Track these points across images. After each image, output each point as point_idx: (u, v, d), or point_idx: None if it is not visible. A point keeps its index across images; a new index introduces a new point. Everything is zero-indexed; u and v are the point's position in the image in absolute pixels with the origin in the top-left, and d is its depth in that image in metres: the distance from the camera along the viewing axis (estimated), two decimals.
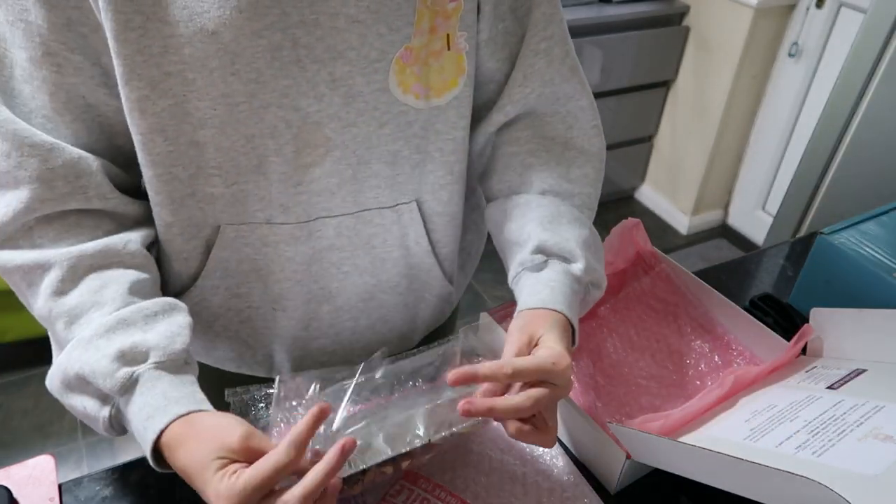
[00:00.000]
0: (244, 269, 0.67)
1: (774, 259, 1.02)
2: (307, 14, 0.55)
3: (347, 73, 0.58)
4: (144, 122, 0.57)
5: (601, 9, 2.25)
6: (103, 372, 0.52)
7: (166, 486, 0.64)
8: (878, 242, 0.81)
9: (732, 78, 2.28)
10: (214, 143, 0.59)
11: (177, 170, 0.60)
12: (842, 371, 0.69)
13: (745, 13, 2.17)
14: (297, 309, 0.70)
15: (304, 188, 0.63)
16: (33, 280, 0.57)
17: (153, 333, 0.55)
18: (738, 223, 2.68)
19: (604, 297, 0.85)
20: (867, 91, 1.60)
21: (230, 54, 0.54)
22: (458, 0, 0.60)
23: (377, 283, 0.72)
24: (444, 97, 0.64)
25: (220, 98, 0.56)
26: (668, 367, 0.77)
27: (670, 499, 0.65)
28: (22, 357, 1.95)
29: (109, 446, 1.75)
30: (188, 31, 0.53)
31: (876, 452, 0.53)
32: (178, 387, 0.53)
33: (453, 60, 0.62)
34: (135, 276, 0.59)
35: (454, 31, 0.61)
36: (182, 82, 0.55)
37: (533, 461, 0.66)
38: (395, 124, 0.63)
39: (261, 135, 0.59)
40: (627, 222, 0.84)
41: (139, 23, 0.52)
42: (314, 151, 0.61)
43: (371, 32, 0.57)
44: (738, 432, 0.60)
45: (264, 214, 0.64)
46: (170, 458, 0.51)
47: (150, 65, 0.54)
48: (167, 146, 0.59)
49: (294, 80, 0.57)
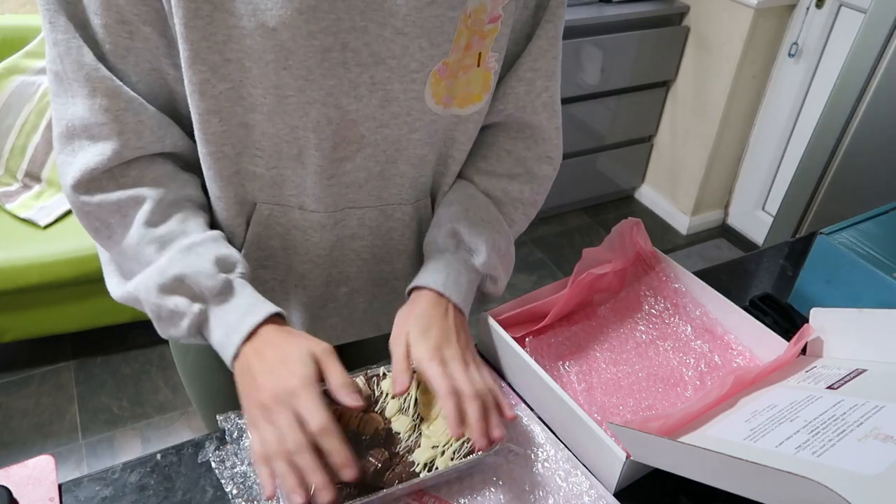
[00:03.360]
0: (274, 245, 0.73)
1: (774, 259, 1.02)
2: (358, 21, 0.59)
3: (387, 78, 0.62)
4: (203, 104, 0.61)
5: (601, 9, 2.25)
6: (206, 273, 0.61)
7: (166, 486, 0.64)
8: (878, 242, 0.81)
9: (732, 78, 2.28)
10: (261, 127, 0.63)
11: (226, 148, 0.65)
12: (842, 371, 0.69)
13: (745, 13, 2.17)
14: (316, 288, 0.76)
15: (336, 180, 0.68)
16: (127, 212, 0.63)
17: (234, 252, 0.65)
18: (738, 223, 2.68)
19: (604, 296, 0.86)
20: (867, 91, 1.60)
21: (285, 51, 0.58)
22: (496, 23, 0.64)
23: (392, 271, 0.78)
24: (467, 109, 0.69)
25: (272, 88, 0.60)
26: (667, 367, 0.77)
27: (670, 499, 0.65)
28: (22, 357, 1.95)
29: (109, 446, 1.75)
30: (250, 24, 0.57)
31: (876, 452, 0.53)
32: (259, 294, 0.64)
33: (481, 77, 0.67)
34: (204, 215, 0.68)
35: (486, 51, 0.66)
36: (240, 69, 0.60)
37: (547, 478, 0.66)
38: (424, 131, 0.68)
39: (304, 127, 0.63)
40: (627, 222, 0.84)
41: (207, 11, 0.56)
42: (348, 147, 0.66)
43: (413, 45, 0.61)
44: (738, 432, 0.60)
45: (297, 200, 0.69)
46: (256, 344, 0.60)
47: (214, 51, 0.58)
48: (221, 126, 0.63)
49: (339, 81, 0.61)
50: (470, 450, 0.63)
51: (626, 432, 0.59)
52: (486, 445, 0.59)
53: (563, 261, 2.47)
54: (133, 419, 1.81)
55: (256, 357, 0.60)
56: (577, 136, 2.51)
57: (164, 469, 0.66)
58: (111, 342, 1.98)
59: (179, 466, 0.66)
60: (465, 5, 0.61)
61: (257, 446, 0.56)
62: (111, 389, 1.89)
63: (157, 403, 1.85)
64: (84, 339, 2.00)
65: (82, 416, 1.81)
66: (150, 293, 0.62)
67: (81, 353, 1.98)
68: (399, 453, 0.63)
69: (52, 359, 1.95)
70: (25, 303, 1.77)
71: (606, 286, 0.86)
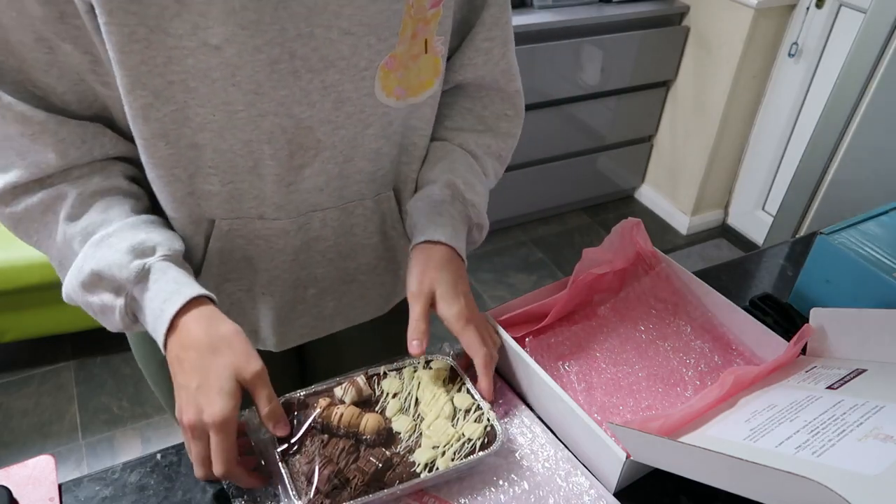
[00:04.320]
0: (237, 257, 0.72)
1: (774, 259, 1.02)
2: (303, 27, 0.58)
3: (338, 80, 0.62)
4: (147, 128, 0.60)
5: (601, 9, 2.25)
6: (118, 263, 0.59)
7: (166, 486, 0.64)
8: (878, 242, 0.81)
9: (732, 78, 2.28)
10: (212, 145, 0.62)
11: (177, 171, 0.63)
12: (842, 371, 0.69)
13: (745, 13, 2.17)
14: (285, 293, 0.76)
15: (296, 187, 0.67)
16: (54, 210, 0.62)
17: (156, 234, 0.62)
18: (738, 223, 2.68)
19: (604, 296, 0.85)
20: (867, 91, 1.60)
21: (231, 67, 0.57)
22: (438, 7, 0.64)
23: (357, 267, 0.79)
24: (421, 96, 0.69)
25: (221, 105, 0.59)
26: (668, 367, 0.77)
27: (670, 499, 0.65)
28: (22, 357, 1.95)
29: (109, 446, 1.75)
30: (192, 43, 0.55)
31: (876, 452, 0.53)
32: (185, 276, 0.61)
33: (430, 62, 0.67)
34: (132, 202, 0.65)
35: (432, 36, 0.66)
36: (184, 90, 0.58)
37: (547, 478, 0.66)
38: (378, 125, 0.68)
39: (257, 140, 0.62)
40: (628, 222, 0.84)
41: (143, 35, 0.54)
42: (306, 153, 0.65)
43: (361, 43, 0.61)
44: (738, 432, 0.60)
45: (258, 211, 0.68)
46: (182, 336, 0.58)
47: (154, 74, 0.56)
48: (168, 149, 0.61)
49: (290, 90, 0.60)
50: (471, 450, 0.63)
51: (626, 432, 0.59)
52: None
53: (563, 261, 2.47)
54: (133, 419, 1.81)
55: (178, 364, 0.58)
56: (577, 136, 2.51)
57: (164, 469, 0.66)
58: (111, 342, 1.98)
59: (179, 466, 0.66)
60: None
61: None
62: (111, 389, 1.89)
63: (157, 403, 1.84)
64: (84, 339, 2.00)
65: (82, 416, 1.81)
66: (77, 292, 0.61)
67: (81, 353, 1.98)
68: (399, 453, 0.63)
69: (52, 359, 1.95)
70: (25, 303, 1.77)
71: (607, 286, 0.86)
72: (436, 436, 0.64)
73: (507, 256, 2.46)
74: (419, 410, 0.67)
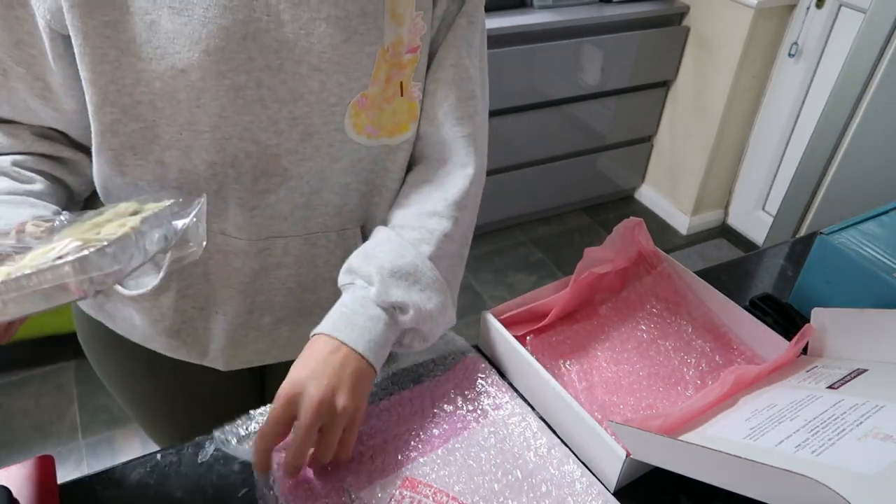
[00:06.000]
0: (196, 272, 0.71)
1: (774, 259, 1.02)
2: (272, 59, 0.59)
3: (306, 113, 0.63)
4: (116, 140, 0.62)
5: (601, 9, 2.25)
6: None
7: (166, 486, 0.64)
8: (878, 242, 0.81)
9: (732, 78, 2.28)
10: (178, 164, 0.64)
11: (143, 183, 0.65)
12: (842, 371, 0.69)
13: (745, 13, 2.17)
14: (238, 316, 0.74)
15: (259, 212, 0.68)
16: None
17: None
18: (738, 223, 2.68)
19: (605, 296, 0.86)
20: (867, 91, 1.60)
21: (196, 90, 0.59)
22: (415, 53, 0.65)
23: (317, 300, 0.76)
24: (396, 139, 0.69)
25: (186, 125, 0.61)
26: (669, 367, 0.77)
27: (670, 497, 0.65)
28: (22, 357, 1.95)
29: (109, 446, 1.75)
30: (160, 67, 0.58)
31: (876, 452, 0.53)
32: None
33: (405, 106, 0.67)
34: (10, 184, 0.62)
35: (408, 80, 0.66)
36: (151, 109, 0.60)
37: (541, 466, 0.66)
38: (347, 160, 0.67)
39: (222, 162, 0.64)
40: (629, 222, 0.84)
41: (114, 56, 0.57)
42: (270, 180, 0.66)
43: (331, 80, 0.62)
44: (738, 431, 0.60)
45: (220, 227, 0.69)
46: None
47: (123, 94, 0.59)
48: (136, 160, 0.64)
49: (255, 117, 0.61)
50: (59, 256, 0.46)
51: (627, 431, 0.59)
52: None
53: (563, 261, 2.47)
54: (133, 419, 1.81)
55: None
56: (577, 136, 2.51)
57: (164, 469, 0.66)
58: None
59: (179, 466, 0.66)
60: (381, 40, 0.62)
61: None
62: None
63: None
64: None
65: (82, 416, 1.81)
66: None
67: (81, 354, 1.96)
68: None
69: (52, 359, 1.95)
70: None
71: (608, 286, 0.86)
72: (34, 256, 0.47)
73: (507, 256, 2.46)
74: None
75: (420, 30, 0.64)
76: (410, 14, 0.63)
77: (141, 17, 0.56)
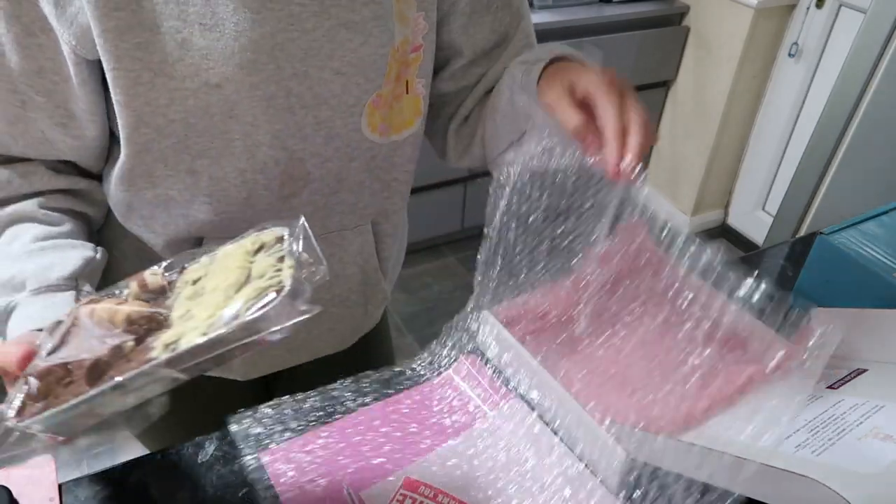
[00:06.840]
0: None
1: (774, 259, 1.02)
2: (298, 67, 0.61)
3: (329, 116, 0.65)
4: (150, 157, 0.63)
5: (601, 9, 2.25)
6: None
7: (166, 486, 0.64)
8: (878, 242, 0.81)
9: (732, 78, 2.28)
10: (209, 172, 0.65)
11: (173, 192, 0.66)
12: (842, 371, 0.69)
13: (745, 13, 2.17)
14: None
15: (284, 216, 0.68)
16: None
17: (32, 264, 0.61)
18: (738, 223, 2.68)
19: (605, 296, 0.85)
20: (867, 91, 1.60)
21: (230, 103, 0.60)
22: (419, 52, 0.69)
23: (331, 298, 0.79)
24: (402, 134, 0.73)
25: (219, 134, 0.62)
26: (669, 366, 0.77)
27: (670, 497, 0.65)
28: None
29: (109, 446, 1.75)
30: (193, 84, 0.58)
31: (875, 452, 0.53)
32: (49, 307, 0.59)
33: (412, 103, 0.72)
34: (44, 229, 0.64)
35: (413, 78, 0.70)
36: (184, 126, 0.61)
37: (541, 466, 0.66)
38: (362, 159, 0.71)
39: (252, 170, 0.65)
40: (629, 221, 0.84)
41: (148, 78, 0.57)
42: (295, 184, 0.69)
43: (351, 83, 0.64)
44: (739, 431, 0.60)
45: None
46: None
47: (157, 114, 0.60)
48: (167, 171, 0.65)
49: (285, 124, 0.64)
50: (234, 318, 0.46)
51: (627, 431, 0.59)
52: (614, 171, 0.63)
53: None
54: None
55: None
56: None
57: (164, 469, 0.66)
58: None
59: (179, 466, 0.66)
60: (392, 41, 0.65)
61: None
62: None
63: (158, 403, 1.84)
64: None
65: None
66: None
67: None
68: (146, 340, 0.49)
69: None
70: None
71: (609, 285, 0.86)
72: (202, 310, 0.48)
73: None
74: (203, 286, 0.52)
75: (422, 29, 0.68)
76: (413, 15, 0.66)
77: (172, 36, 0.56)
